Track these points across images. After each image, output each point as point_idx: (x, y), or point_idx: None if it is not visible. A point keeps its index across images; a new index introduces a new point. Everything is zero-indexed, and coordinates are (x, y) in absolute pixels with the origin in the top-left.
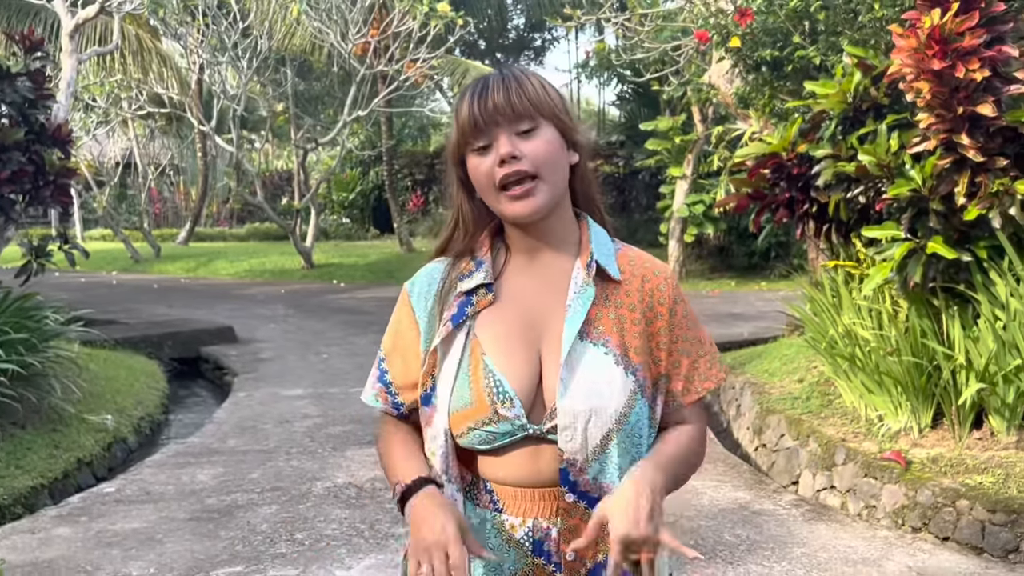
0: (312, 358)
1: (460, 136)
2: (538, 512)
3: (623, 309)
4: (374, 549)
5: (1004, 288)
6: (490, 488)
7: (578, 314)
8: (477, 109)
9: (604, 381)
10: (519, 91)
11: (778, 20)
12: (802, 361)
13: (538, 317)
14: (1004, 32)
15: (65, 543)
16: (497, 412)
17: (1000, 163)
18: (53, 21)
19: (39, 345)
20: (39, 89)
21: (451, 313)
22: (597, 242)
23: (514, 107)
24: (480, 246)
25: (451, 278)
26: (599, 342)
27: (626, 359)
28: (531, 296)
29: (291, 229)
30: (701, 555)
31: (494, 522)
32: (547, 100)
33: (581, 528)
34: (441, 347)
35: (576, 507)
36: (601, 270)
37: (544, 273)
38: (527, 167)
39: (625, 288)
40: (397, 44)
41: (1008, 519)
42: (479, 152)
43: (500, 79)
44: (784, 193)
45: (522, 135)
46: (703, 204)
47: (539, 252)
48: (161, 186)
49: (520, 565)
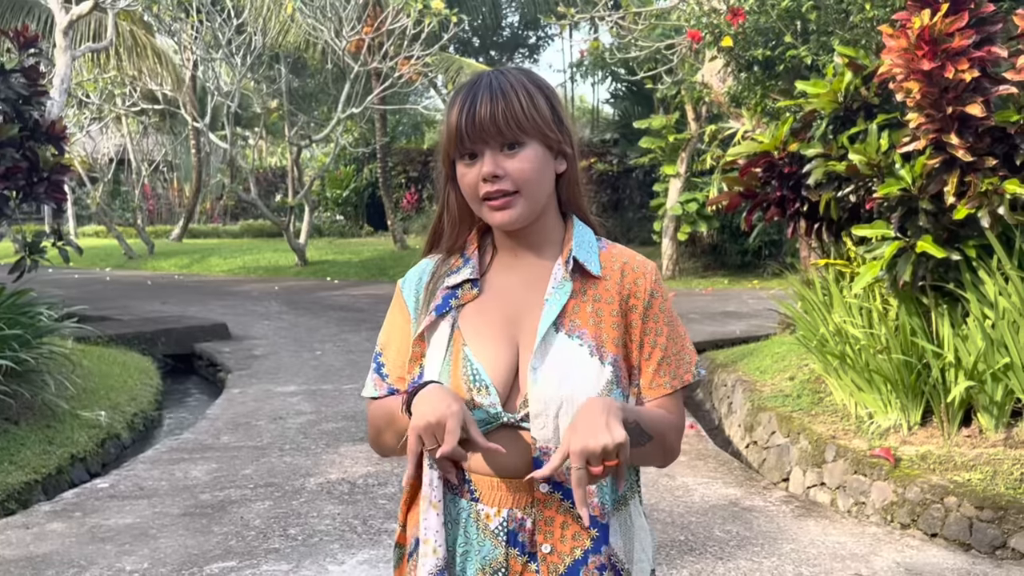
0: (306, 355)
1: (446, 143)
2: (513, 502)
3: (601, 303)
4: (367, 544)
5: (993, 287)
6: (468, 478)
7: (554, 307)
8: (464, 122)
9: (577, 371)
10: (506, 109)
11: (770, 20)
12: (793, 359)
13: (519, 312)
14: (993, 33)
15: (59, 538)
16: (473, 399)
17: (989, 163)
18: (47, 17)
19: (33, 341)
20: (33, 85)
21: (436, 304)
22: (579, 240)
23: (499, 126)
24: (469, 244)
25: (439, 273)
26: (574, 334)
27: (602, 350)
28: (514, 292)
29: (285, 226)
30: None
31: (471, 511)
32: (533, 116)
33: (558, 521)
34: (428, 338)
35: (551, 498)
36: (580, 266)
37: (527, 271)
38: (508, 186)
39: (605, 283)
40: (391, 41)
41: (995, 516)
42: (466, 161)
43: (488, 93)
44: (775, 192)
45: (507, 152)
46: (696, 202)
47: (522, 252)
48: (155, 183)
49: (495, 555)
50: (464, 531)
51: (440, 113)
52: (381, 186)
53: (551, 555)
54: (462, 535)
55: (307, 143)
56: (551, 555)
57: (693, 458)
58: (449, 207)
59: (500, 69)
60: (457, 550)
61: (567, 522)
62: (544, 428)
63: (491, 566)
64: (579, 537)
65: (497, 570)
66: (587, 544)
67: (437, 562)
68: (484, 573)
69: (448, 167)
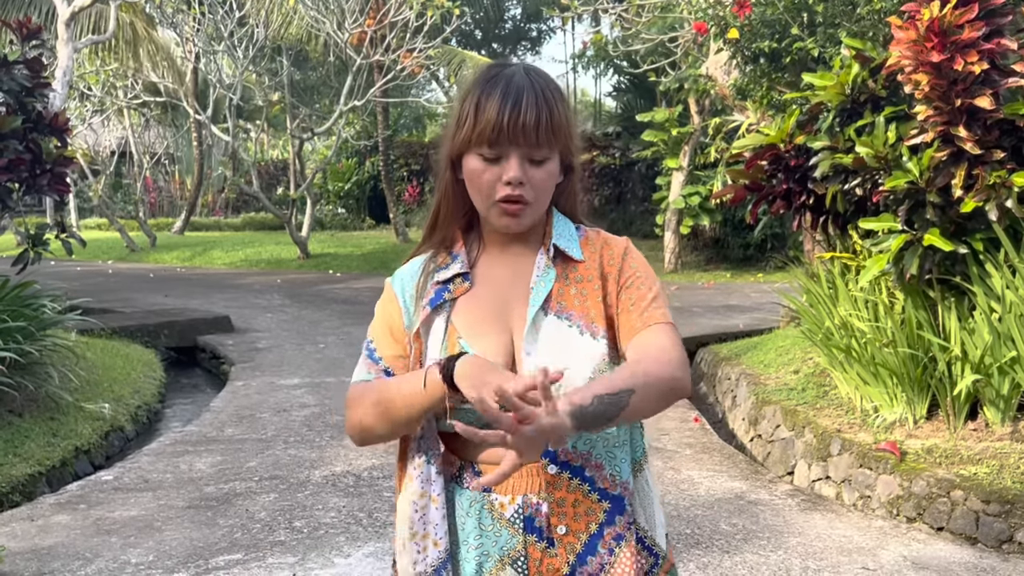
0: (309, 348)
1: (472, 136)
2: (527, 487)
3: (584, 283)
4: (372, 537)
5: (1000, 280)
6: (478, 470)
7: (540, 293)
8: (506, 122)
9: (570, 350)
10: (548, 119)
11: (776, 12)
12: (798, 352)
13: (509, 302)
14: (1003, 25)
15: (64, 530)
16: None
17: (997, 155)
18: (48, 9)
19: (36, 333)
20: (36, 77)
21: (428, 299)
22: (559, 230)
23: (539, 135)
24: (455, 241)
25: (429, 270)
26: (562, 315)
27: (592, 327)
28: (503, 283)
29: (287, 219)
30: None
31: (484, 502)
32: (564, 128)
33: (569, 500)
34: (424, 334)
35: (560, 478)
36: (561, 252)
37: (514, 263)
38: (529, 195)
39: (585, 265)
40: (393, 34)
41: (1002, 509)
42: (486, 159)
43: (533, 96)
44: (781, 185)
45: (533, 163)
46: (699, 196)
47: (510, 245)
48: (157, 175)
49: (512, 544)
50: (479, 523)
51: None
52: (383, 179)
53: (567, 535)
54: (476, 527)
55: (309, 136)
56: (567, 535)
57: (698, 451)
58: (446, 193)
59: (526, 66)
60: (470, 543)
61: (578, 499)
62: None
63: (509, 555)
64: (592, 512)
65: (516, 559)
66: (601, 517)
67: (439, 554)
68: (503, 563)
69: (452, 157)
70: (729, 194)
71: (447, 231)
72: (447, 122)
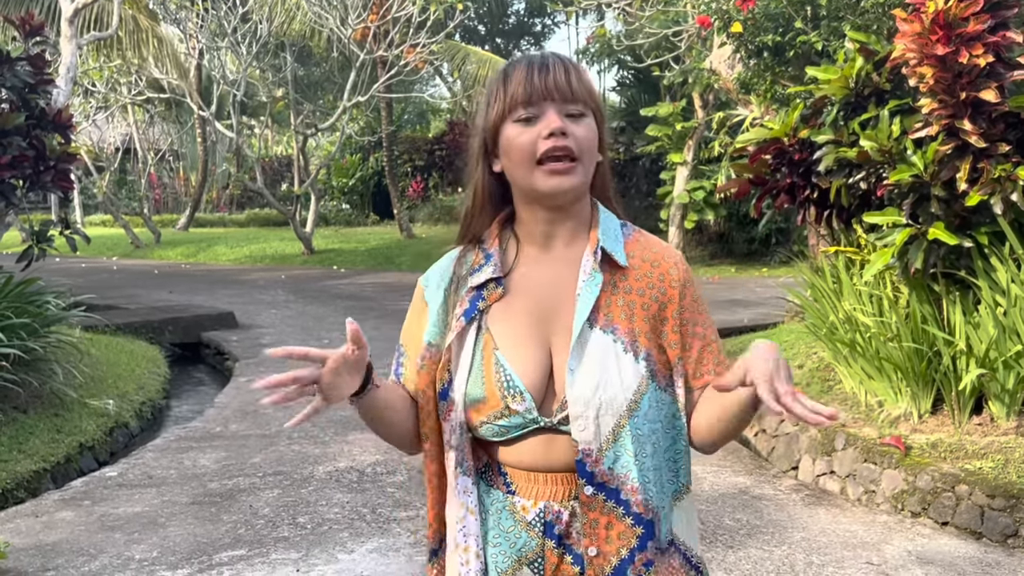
0: (313, 343)
1: (505, 103)
2: (550, 495)
3: (632, 295)
4: (376, 533)
5: (1005, 274)
6: (504, 471)
7: (587, 302)
8: (536, 79)
9: (614, 369)
10: (578, 76)
11: (780, 5)
12: (802, 347)
13: (549, 309)
14: (1008, 18)
15: (68, 526)
16: (508, 407)
17: (1002, 149)
18: (51, 5)
19: (41, 330)
20: (39, 74)
21: (463, 309)
22: (605, 229)
23: (572, 88)
24: (489, 236)
25: (461, 273)
26: (608, 329)
27: (635, 345)
28: (542, 288)
29: (291, 215)
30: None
31: (506, 503)
32: (595, 94)
33: (602, 523)
34: (455, 342)
35: (595, 499)
36: (608, 256)
37: (554, 264)
38: (573, 146)
39: (634, 274)
40: (397, 29)
41: (1007, 504)
42: (523, 122)
43: (559, 59)
44: (785, 179)
45: (571, 117)
46: (703, 190)
47: (551, 240)
48: (161, 172)
49: (531, 546)
50: (498, 523)
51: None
52: (387, 175)
53: (597, 558)
54: (495, 527)
55: (313, 132)
56: (597, 558)
57: None
58: (479, 187)
59: (544, 52)
60: (489, 542)
61: (611, 522)
62: (585, 430)
63: (527, 557)
64: (624, 536)
65: (533, 560)
66: (633, 542)
67: (480, 566)
68: (520, 563)
69: (487, 139)
70: (733, 188)
71: (480, 229)
72: (475, 116)
